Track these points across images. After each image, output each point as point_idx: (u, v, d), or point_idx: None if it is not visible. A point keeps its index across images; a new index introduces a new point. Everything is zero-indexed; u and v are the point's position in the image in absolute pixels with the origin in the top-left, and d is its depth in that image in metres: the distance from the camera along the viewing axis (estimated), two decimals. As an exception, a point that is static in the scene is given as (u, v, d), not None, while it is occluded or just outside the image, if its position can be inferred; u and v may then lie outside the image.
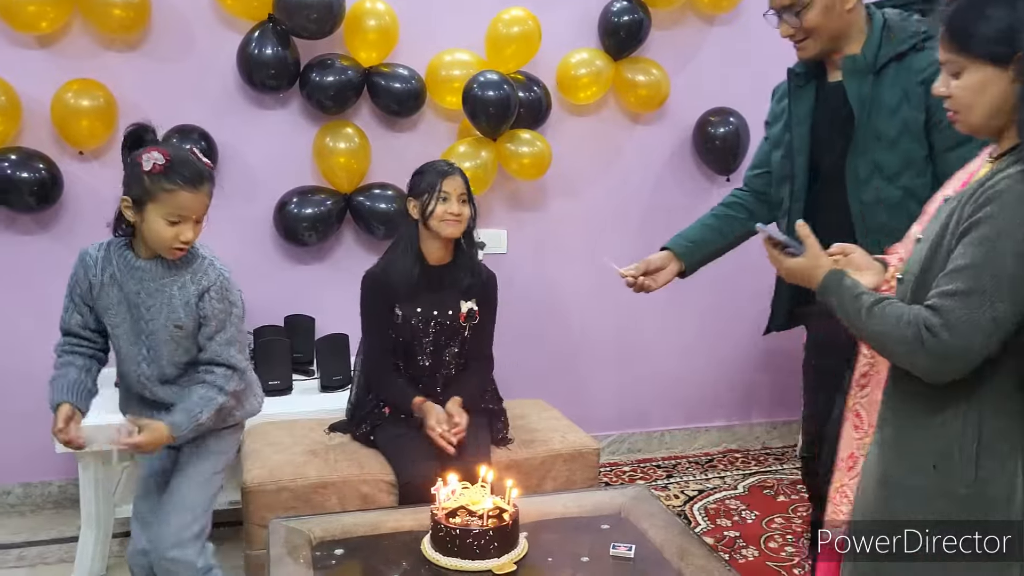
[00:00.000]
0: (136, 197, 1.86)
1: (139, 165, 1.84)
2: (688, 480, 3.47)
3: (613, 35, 3.32)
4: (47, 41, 2.93)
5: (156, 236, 1.88)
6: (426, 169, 2.47)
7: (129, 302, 1.95)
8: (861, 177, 1.96)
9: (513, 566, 1.81)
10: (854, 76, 1.96)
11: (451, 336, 2.47)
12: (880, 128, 1.92)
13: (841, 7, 1.95)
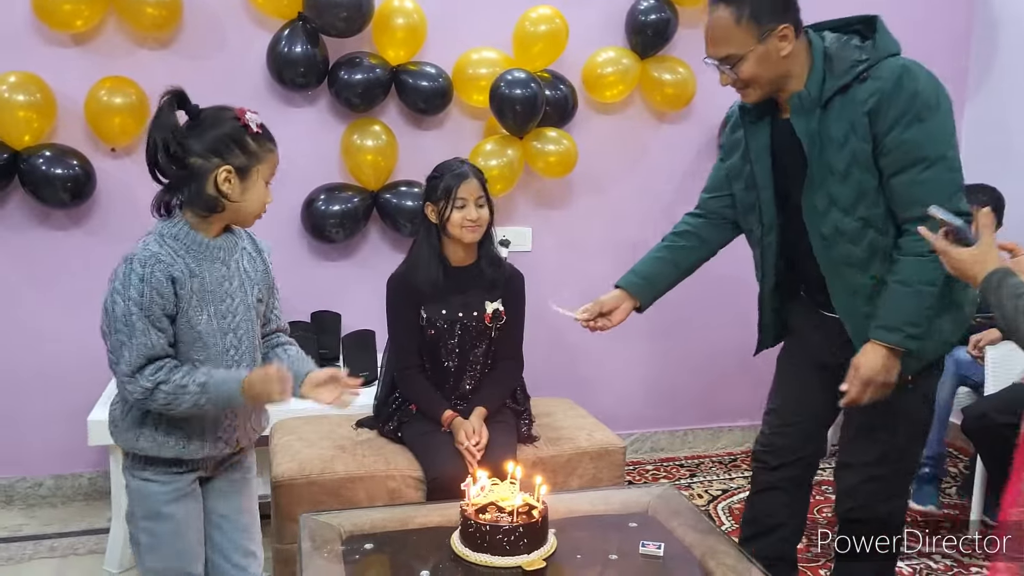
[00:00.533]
0: (240, 164, 1.66)
1: (245, 128, 1.66)
2: (712, 480, 3.47)
3: (640, 33, 3.33)
4: (81, 39, 2.97)
5: (258, 202, 1.72)
6: (441, 172, 2.42)
7: (206, 291, 1.69)
8: (819, 210, 1.95)
9: (542, 563, 1.81)
10: (801, 114, 1.92)
11: (477, 338, 2.47)
12: (831, 162, 1.90)
13: (776, 55, 1.89)
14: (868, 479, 2.08)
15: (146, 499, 1.75)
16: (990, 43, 3.76)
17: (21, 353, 3.08)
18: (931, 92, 1.83)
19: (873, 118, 1.83)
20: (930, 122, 1.81)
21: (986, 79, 3.79)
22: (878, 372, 1.89)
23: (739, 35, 1.88)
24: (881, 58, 1.85)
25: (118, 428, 1.75)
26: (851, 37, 1.93)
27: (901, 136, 1.82)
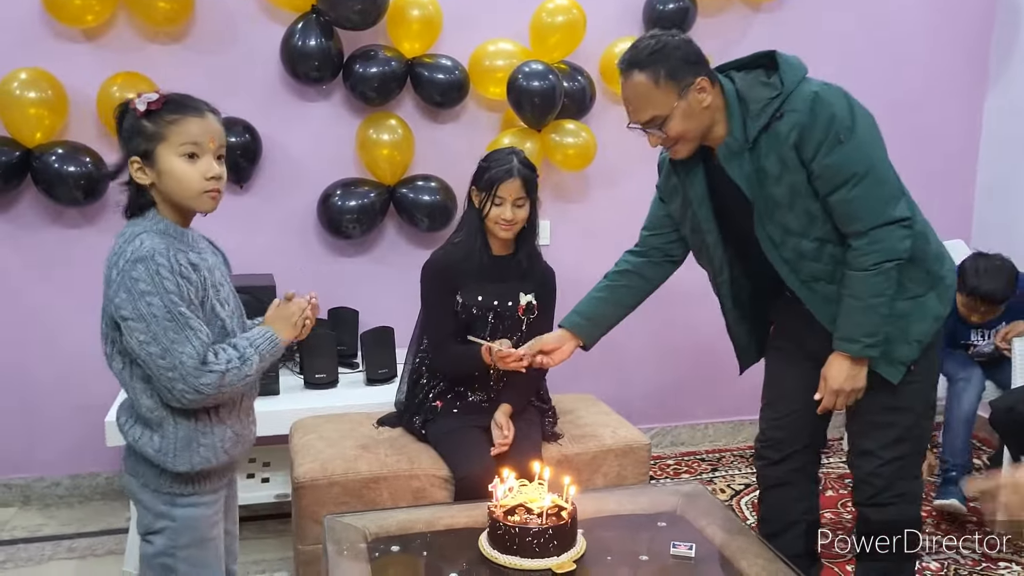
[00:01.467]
0: (143, 150, 1.56)
1: (134, 112, 1.56)
2: (734, 474, 3.43)
3: (658, 23, 3.27)
4: (93, 34, 2.94)
5: (181, 182, 1.57)
6: (490, 164, 2.39)
7: (206, 283, 1.62)
8: (776, 240, 1.99)
9: (573, 565, 1.79)
10: (732, 159, 1.95)
11: (510, 328, 2.44)
12: (773, 195, 1.93)
13: (699, 107, 1.91)
14: (888, 461, 2.10)
15: (195, 526, 1.68)
16: (1012, 31, 3.70)
17: (37, 353, 3.06)
18: (845, 113, 1.87)
19: (799, 149, 1.88)
20: (849, 142, 1.86)
21: (1007, 67, 3.73)
22: (845, 380, 1.98)
23: (660, 96, 1.90)
24: (791, 91, 1.88)
25: (170, 453, 1.62)
26: (757, 73, 1.96)
27: (824, 161, 1.86)
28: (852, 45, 3.60)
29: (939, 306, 2.03)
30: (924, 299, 2.00)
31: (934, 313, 2.02)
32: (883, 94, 3.63)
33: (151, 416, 1.61)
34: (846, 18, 3.59)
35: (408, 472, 2.34)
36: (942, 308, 2.04)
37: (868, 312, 1.93)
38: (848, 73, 3.61)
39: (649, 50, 1.90)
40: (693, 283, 3.59)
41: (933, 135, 3.75)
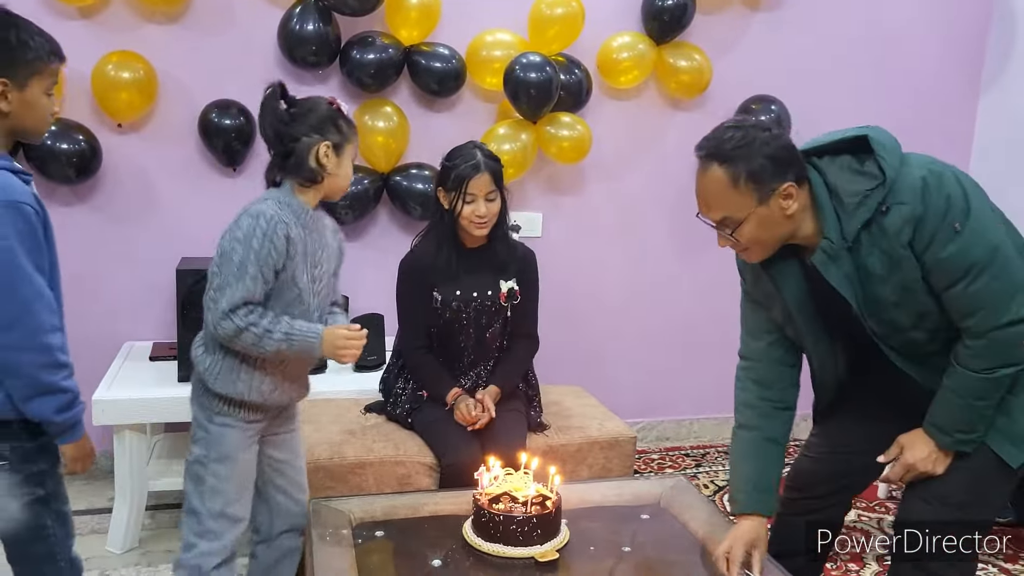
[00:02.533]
0: (336, 141, 1.88)
1: (338, 112, 1.90)
2: (718, 470, 3.45)
3: (656, 19, 3.28)
4: (88, 12, 2.92)
5: (347, 178, 1.94)
6: (455, 162, 2.36)
7: (308, 255, 1.89)
8: (881, 334, 1.78)
9: (556, 554, 1.80)
10: (831, 264, 1.72)
11: (492, 317, 2.45)
12: (879, 294, 1.72)
13: (780, 215, 1.68)
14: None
15: (223, 442, 1.91)
16: (1008, 34, 3.71)
17: (24, 330, 3.04)
18: (958, 197, 1.63)
19: (913, 245, 1.64)
20: (966, 230, 1.62)
21: (1002, 70, 3.75)
22: (924, 461, 1.77)
23: (736, 198, 1.67)
24: (894, 179, 1.64)
25: (214, 374, 1.89)
26: (846, 160, 1.72)
27: (940, 255, 1.63)
28: (849, 45, 3.62)
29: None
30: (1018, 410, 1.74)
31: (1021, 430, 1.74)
32: (878, 94, 3.65)
33: (210, 342, 1.90)
34: (843, 18, 3.60)
35: (394, 458, 2.34)
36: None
37: (968, 410, 1.72)
38: (844, 73, 3.64)
39: (734, 144, 1.66)
40: (685, 279, 3.62)
41: (927, 136, 3.75)
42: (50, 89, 1.70)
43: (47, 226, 1.72)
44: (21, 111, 1.66)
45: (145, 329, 3.07)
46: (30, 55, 1.64)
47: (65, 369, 1.69)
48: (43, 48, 1.67)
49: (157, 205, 3.07)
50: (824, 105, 3.59)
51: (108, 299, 3.05)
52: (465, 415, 2.33)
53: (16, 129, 1.69)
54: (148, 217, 3.06)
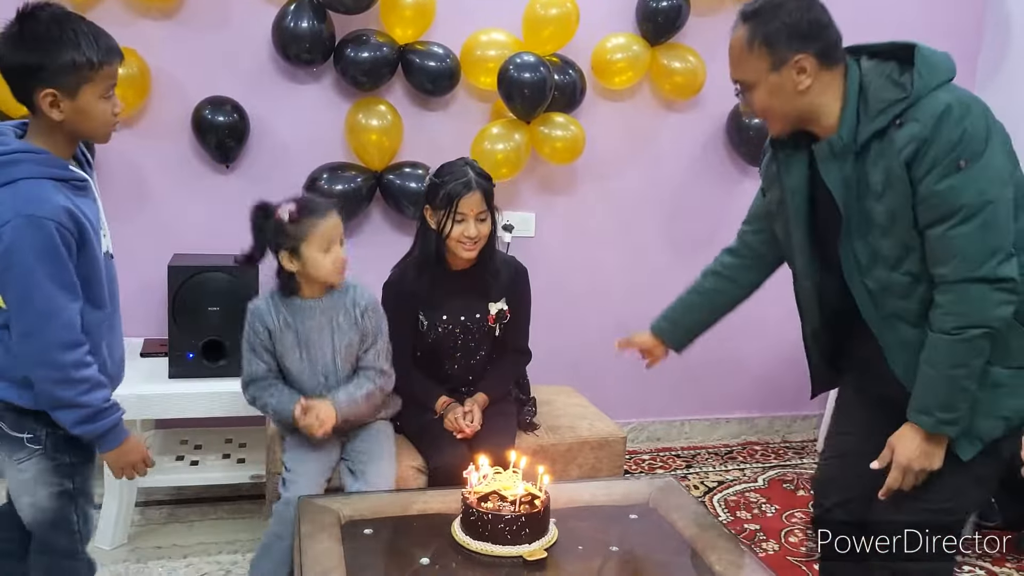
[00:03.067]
0: (290, 247, 2.14)
1: (281, 221, 2.13)
2: (708, 471, 3.46)
3: (651, 20, 3.28)
4: (82, 7, 2.90)
5: (319, 268, 2.15)
6: (444, 178, 2.30)
7: (301, 339, 2.22)
8: (862, 264, 1.73)
9: (544, 553, 1.80)
10: (832, 161, 1.69)
11: (481, 341, 2.43)
12: (871, 212, 1.67)
13: (792, 88, 1.66)
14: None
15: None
16: (1002, 38, 3.73)
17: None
18: (978, 135, 1.57)
19: (911, 167, 1.60)
20: (971, 170, 1.56)
21: (995, 73, 3.76)
22: (916, 458, 1.69)
23: (751, 61, 1.67)
24: (921, 96, 1.60)
25: None
26: (890, 66, 1.68)
27: (935, 186, 1.58)
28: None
29: (1015, 408, 1.69)
30: (996, 393, 1.68)
31: (1002, 412, 1.69)
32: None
33: None
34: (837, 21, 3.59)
35: (384, 457, 2.35)
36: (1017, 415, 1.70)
37: (947, 383, 1.64)
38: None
39: (761, 4, 1.66)
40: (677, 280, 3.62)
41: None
42: (107, 92, 1.68)
43: (82, 240, 1.67)
44: (76, 119, 1.65)
45: (136, 326, 3.06)
46: (79, 61, 1.61)
47: (82, 385, 1.68)
48: (93, 52, 1.62)
49: (149, 201, 3.06)
50: (817, 108, 3.61)
51: (99, 295, 3.04)
52: (454, 425, 2.32)
53: (76, 135, 1.70)
54: (140, 213, 3.06)
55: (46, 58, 1.59)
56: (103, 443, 1.75)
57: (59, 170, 1.65)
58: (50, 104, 1.61)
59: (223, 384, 2.64)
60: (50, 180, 1.63)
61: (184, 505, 2.96)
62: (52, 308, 1.63)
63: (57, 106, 1.62)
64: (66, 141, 1.69)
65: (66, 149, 1.69)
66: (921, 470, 1.70)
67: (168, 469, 2.82)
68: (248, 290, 2.76)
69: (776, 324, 3.78)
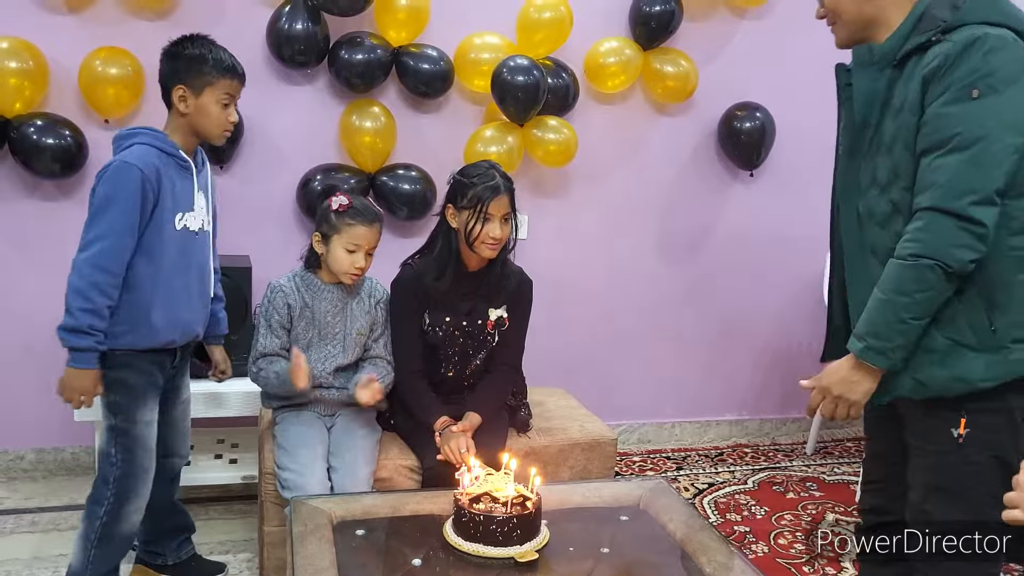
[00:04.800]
0: (324, 232, 2.31)
1: (328, 206, 2.31)
2: (698, 473, 3.48)
3: (644, 24, 3.30)
4: (76, 7, 2.91)
5: (338, 264, 2.30)
6: (472, 179, 2.30)
7: (317, 320, 2.36)
8: (861, 185, 1.73)
9: (535, 554, 1.81)
10: (866, 69, 1.69)
11: (478, 347, 2.43)
12: (883, 132, 1.67)
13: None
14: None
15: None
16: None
17: (7, 325, 3.04)
18: (1005, 70, 1.52)
19: (927, 83, 1.57)
20: (981, 101, 1.52)
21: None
22: (837, 383, 1.67)
23: None
24: (966, 21, 1.56)
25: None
26: None
27: (940, 109, 1.55)
28: (834, 54, 3.63)
29: (979, 371, 1.60)
30: (965, 354, 1.61)
31: (968, 376, 1.61)
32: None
33: None
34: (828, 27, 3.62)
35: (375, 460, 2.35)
36: (980, 376, 1.60)
37: (884, 309, 1.60)
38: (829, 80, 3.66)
39: None
40: (668, 283, 3.65)
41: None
42: (224, 101, 2.12)
43: (159, 200, 2.06)
44: (197, 114, 2.11)
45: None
46: (206, 68, 2.09)
47: (87, 302, 1.99)
48: (219, 65, 2.10)
49: (142, 201, 3.06)
50: (809, 112, 3.60)
51: (91, 295, 3.04)
52: (456, 457, 2.22)
53: (195, 130, 2.14)
54: (133, 213, 3.06)
55: (180, 61, 2.11)
56: (71, 359, 2.02)
57: (167, 146, 2.10)
58: (179, 98, 2.10)
59: (215, 385, 2.64)
60: (156, 149, 2.07)
61: (175, 505, 2.96)
62: (106, 232, 2.00)
63: (185, 101, 2.10)
64: (186, 134, 2.14)
65: (186, 141, 2.14)
66: (840, 398, 1.67)
67: (159, 469, 2.82)
68: (241, 291, 2.77)
69: (765, 327, 3.82)
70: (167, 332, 2.14)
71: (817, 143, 3.65)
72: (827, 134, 3.73)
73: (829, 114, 3.85)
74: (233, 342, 2.62)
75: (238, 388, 2.74)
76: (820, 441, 3.81)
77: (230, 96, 2.13)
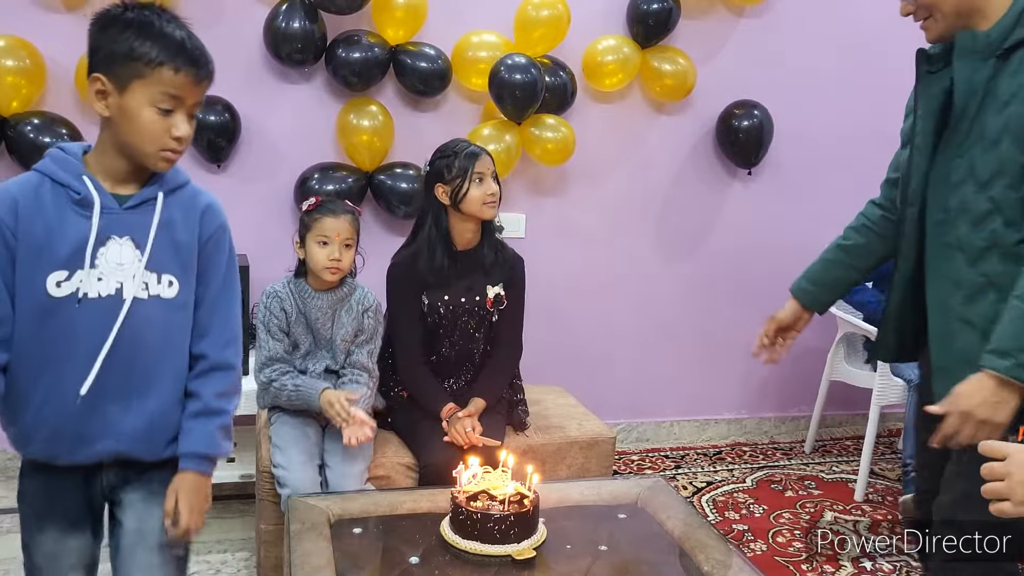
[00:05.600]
0: (301, 235, 2.35)
1: (301, 209, 2.39)
2: (696, 472, 3.48)
3: (641, 23, 3.30)
4: (73, 5, 2.91)
5: (313, 260, 2.31)
6: (454, 152, 2.40)
7: (311, 326, 2.36)
8: (952, 180, 1.64)
9: (532, 552, 1.81)
10: (968, 58, 1.61)
11: (478, 324, 2.45)
12: (986, 124, 1.59)
13: None
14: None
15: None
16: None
17: None
18: None
19: None
20: None
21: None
22: (979, 405, 1.51)
23: None
24: None
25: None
26: None
27: None
28: (832, 50, 3.65)
29: None
30: None
31: None
32: (861, 98, 3.68)
33: None
34: (827, 23, 3.63)
35: (373, 458, 2.35)
36: None
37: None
38: (827, 77, 3.67)
39: None
40: (667, 281, 3.65)
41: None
42: (162, 103, 1.41)
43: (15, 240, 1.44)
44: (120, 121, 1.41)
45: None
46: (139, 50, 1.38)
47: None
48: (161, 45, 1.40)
49: (140, 200, 3.06)
50: (807, 109, 3.63)
51: (89, 294, 3.04)
52: (464, 438, 2.29)
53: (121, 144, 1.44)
54: (130, 212, 3.05)
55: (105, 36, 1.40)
56: None
57: (66, 171, 1.44)
58: (97, 93, 1.41)
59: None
60: (45, 176, 1.44)
61: (173, 505, 2.96)
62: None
63: (104, 98, 1.41)
64: (112, 152, 1.45)
65: (110, 161, 1.46)
66: (984, 423, 1.51)
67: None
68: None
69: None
70: (41, 443, 1.48)
71: (815, 140, 3.67)
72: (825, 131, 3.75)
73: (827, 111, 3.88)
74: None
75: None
76: (818, 440, 3.80)
77: (174, 98, 1.41)
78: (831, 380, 3.59)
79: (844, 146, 3.67)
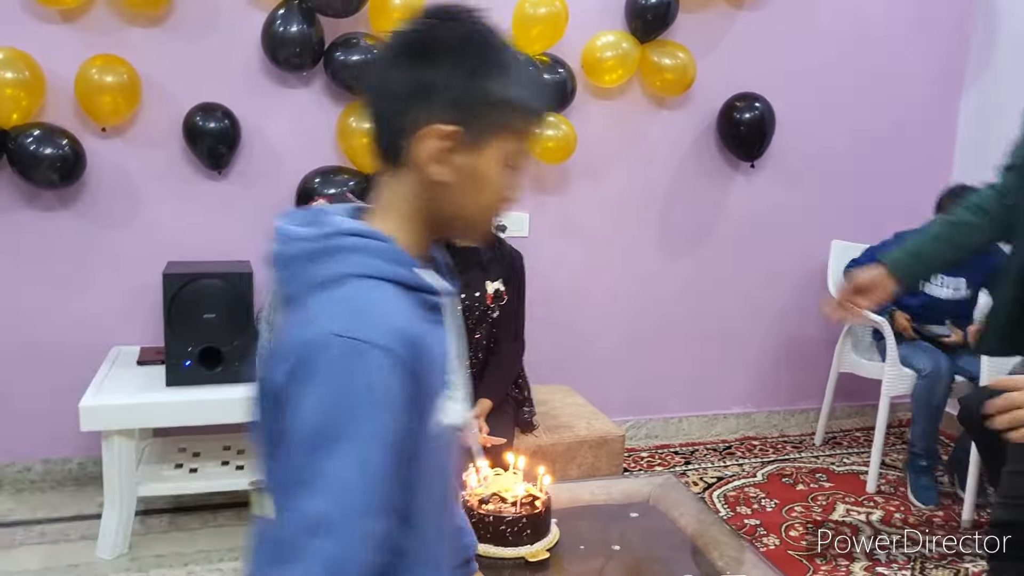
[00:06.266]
0: None
1: None
2: (706, 467, 3.47)
3: (640, 18, 3.29)
4: (71, 16, 2.90)
5: None
6: None
7: None
8: None
9: (546, 553, 1.80)
10: None
11: (479, 320, 2.45)
12: None
13: None
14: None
15: None
16: (990, 31, 3.74)
17: (10, 336, 3.02)
18: None
19: None
20: None
21: (984, 68, 3.78)
22: None
23: None
24: None
25: None
26: None
27: None
28: (832, 43, 3.63)
29: None
30: None
31: None
32: (861, 92, 3.67)
33: None
34: (827, 16, 3.62)
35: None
36: None
37: None
38: (828, 71, 3.66)
39: None
40: (670, 278, 3.64)
41: (910, 132, 3.79)
42: (514, 161, 1.01)
43: (421, 372, 0.94)
44: (465, 184, 0.98)
45: (132, 334, 3.06)
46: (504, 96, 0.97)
47: None
48: (531, 91, 1.02)
49: (142, 209, 3.05)
50: (808, 103, 3.61)
51: (94, 304, 3.03)
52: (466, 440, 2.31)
53: (441, 216, 1.01)
54: (133, 221, 3.05)
55: (454, 77, 0.95)
56: None
57: (407, 270, 0.97)
58: (438, 153, 0.96)
59: (220, 391, 2.64)
60: (396, 284, 0.95)
61: (184, 513, 2.96)
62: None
63: (449, 157, 0.96)
64: (421, 229, 1.02)
65: (420, 240, 1.02)
66: None
67: (167, 477, 2.82)
68: (243, 297, 2.76)
69: (769, 318, 3.80)
70: None
71: (817, 132, 3.65)
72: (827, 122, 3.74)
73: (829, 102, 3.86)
74: (235, 347, 2.61)
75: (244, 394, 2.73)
76: (829, 432, 3.79)
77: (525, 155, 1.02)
78: (840, 372, 3.57)
79: (846, 137, 3.65)
